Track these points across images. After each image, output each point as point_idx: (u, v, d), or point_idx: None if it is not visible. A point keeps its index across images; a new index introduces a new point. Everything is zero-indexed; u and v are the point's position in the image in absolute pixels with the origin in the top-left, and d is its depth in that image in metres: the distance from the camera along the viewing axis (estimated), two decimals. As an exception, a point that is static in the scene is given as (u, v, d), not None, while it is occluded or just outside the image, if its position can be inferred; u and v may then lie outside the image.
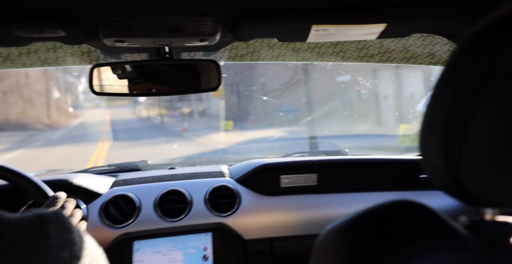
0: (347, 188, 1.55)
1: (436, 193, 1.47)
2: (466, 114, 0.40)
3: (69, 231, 0.52)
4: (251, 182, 1.52)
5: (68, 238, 0.51)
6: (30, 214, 0.51)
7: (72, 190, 1.39)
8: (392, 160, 1.64)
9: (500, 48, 0.39)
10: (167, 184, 1.50)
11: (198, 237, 1.42)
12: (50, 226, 0.50)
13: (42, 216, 0.51)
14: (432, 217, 0.49)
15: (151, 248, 1.39)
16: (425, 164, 0.48)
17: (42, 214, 0.52)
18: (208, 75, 1.15)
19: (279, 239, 1.47)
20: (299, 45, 1.26)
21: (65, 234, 0.51)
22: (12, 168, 1.11)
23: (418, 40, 1.22)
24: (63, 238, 0.51)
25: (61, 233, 0.51)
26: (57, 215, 0.53)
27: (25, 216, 0.51)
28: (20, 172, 1.11)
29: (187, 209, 1.42)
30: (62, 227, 0.52)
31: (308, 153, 1.91)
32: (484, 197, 0.44)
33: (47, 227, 0.50)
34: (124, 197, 1.43)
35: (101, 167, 1.80)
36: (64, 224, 0.52)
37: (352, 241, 0.49)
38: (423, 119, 0.47)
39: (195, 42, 0.99)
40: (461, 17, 0.92)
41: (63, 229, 0.52)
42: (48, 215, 0.52)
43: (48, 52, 1.20)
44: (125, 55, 1.27)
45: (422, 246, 0.44)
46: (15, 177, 1.11)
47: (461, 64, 0.43)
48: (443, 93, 0.44)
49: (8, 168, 1.11)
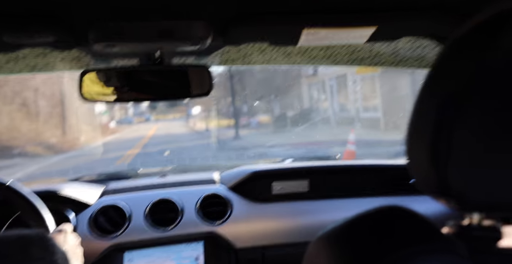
0: (338, 194, 1.55)
1: (424, 199, 1.47)
2: (452, 117, 0.40)
3: (52, 253, 0.51)
4: (243, 189, 1.51)
5: (51, 259, 0.50)
6: (12, 235, 0.50)
7: (60, 200, 1.37)
8: (382, 165, 1.65)
9: (485, 51, 0.39)
10: (158, 193, 1.49)
11: (190, 246, 1.41)
12: (32, 248, 0.50)
13: (25, 238, 0.50)
14: (420, 223, 0.49)
15: (143, 259, 1.37)
16: (412, 168, 0.48)
17: (25, 235, 0.51)
18: (199, 80, 1.15)
19: (271, 247, 1.46)
20: (290, 49, 1.26)
21: (48, 255, 0.51)
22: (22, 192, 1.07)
23: (407, 44, 1.24)
24: (45, 259, 0.50)
25: (43, 254, 0.50)
26: (40, 236, 0.52)
27: (8, 236, 0.49)
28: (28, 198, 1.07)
29: (179, 218, 1.40)
30: (45, 249, 0.51)
31: (300, 159, 1.91)
32: (471, 201, 0.44)
33: (29, 249, 0.49)
34: (114, 207, 1.41)
35: (91, 176, 1.78)
36: (47, 246, 0.51)
37: (342, 247, 0.49)
38: (409, 123, 0.47)
39: (186, 46, 0.99)
40: (450, 19, 0.93)
41: (45, 250, 0.51)
42: (30, 236, 0.51)
43: (37, 58, 1.18)
44: (115, 61, 1.26)
45: (411, 251, 0.44)
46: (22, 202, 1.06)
47: (446, 67, 0.43)
48: (429, 96, 0.44)
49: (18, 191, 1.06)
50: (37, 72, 1.27)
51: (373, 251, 0.46)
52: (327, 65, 1.39)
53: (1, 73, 1.23)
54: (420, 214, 0.50)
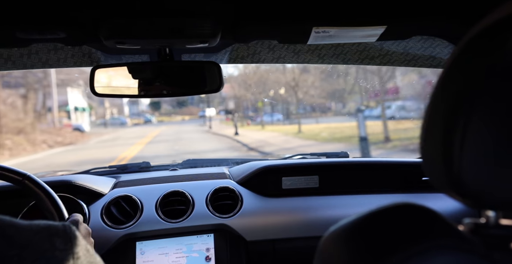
0: (349, 190, 1.55)
1: (439, 196, 1.46)
2: (465, 116, 0.41)
3: (74, 244, 0.53)
4: (252, 184, 1.52)
5: (73, 251, 0.53)
6: (39, 224, 0.53)
7: (74, 190, 1.40)
8: (394, 162, 1.64)
9: (497, 51, 0.39)
10: (169, 185, 1.50)
11: (201, 238, 1.43)
12: (56, 238, 0.52)
13: (51, 228, 0.53)
14: (435, 219, 0.49)
15: (154, 249, 1.40)
16: (426, 166, 0.48)
17: (51, 225, 0.53)
18: (209, 76, 1.16)
19: (282, 240, 1.47)
20: (299, 47, 1.26)
21: (70, 247, 0.53)
22: (41, 182, 1.11)
23: (418, 43, 1.22)
24: (67, 251, 0.52)
25: (66, 246, 0.52)
26: (65, 228, 0.54)
27: (34, 225, 0.52)
28: (47, 188, 1.11)
29: (189, 210, 1.42)
30: (68, 240, 0.53)
31: (310, 155, 1.90)
32: (486, 199, 0.44)
33: (54, 239, 0.52)
34: (126, 198, 1.43)
35: (103, 168, 1.81)
36: (70, 238, 0.54)
37: (355, 242, 0.49)
38: (423, 121, 0.47)
39: (196, 43, 1.00)
40: (460, 19, 0.92)
41: (68, 242, 0.53)
42: (56, 227, 0.53)
43: (49, 53, 1.20)
44: (126, 57, 1.27)
45: (425, 247, 0.44)
46: (41, 192, 1.10)
47: (459, 66, 0.43)
48: (442, 94, 0.44)
49: (37, 182, 1.10)
50: (48, 67, 1.29)
51: (387, 246, 0.46)
52: (337, 64, 1.39)
53: (14, 67, 1.26)
54: (434, 210, 0.50)
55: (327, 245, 0.53)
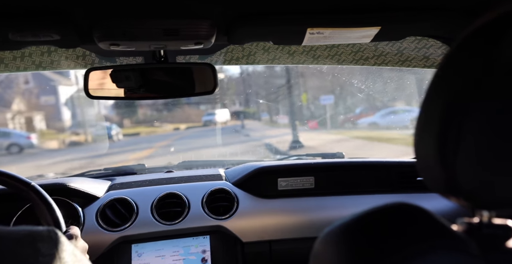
0: (344, 191, 1.55)
1: (432, 196, 1.47)
2: (460, 115, 0.41)
3: (60, 249, 0.52)
4: (248, 185, 1.52)
5: (59, 256, 0.51)
6: (22, 230, 0.51)
7: (69, 193, 1.39)
8: (389, 162, 1.64)
9: (492, 50, 0.39)
10: (164, 187, 1.50)
11: (197, 240, 1.42)
12: (41, 244, 0.50)
13: (34, 233, 0.51)
14: (429, 220, 0.49)
15: (150, 251, 1.39)
16: (420, 166, 0.48)
17: (34, 231, 0.51)
18: (204, 78, 1.15)
19: (278, 241, 1.47)
20: (294, 48, 1.26)
21: (56, 252, 0.51)
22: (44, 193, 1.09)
23: (412, 43, 1.23)
24: (52, 256, 0.51)
25: (51, 251, 0.51)
26: (50, 233, 0.53)
27: (16, 231, 0.50)
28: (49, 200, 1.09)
29: (185, 212, 1.42)
30: (53, 245, 0.51)
31: (305, 155, 1.90)
32: (480, 199, 0.44)
33: (38, 244, 0.50)
34: (121, 201, 1.43)
35: (98, 170, 1.80)
36: (56, 242, 0.52)
37: (350, 243, 0.49)
38: (418, 120, 0.47)
39: (191, 45, 0.99)
40: (454, 20, 0.93)
41: (54, 247, 0.51)
42: (40, 232, 0.52)
43: (42, 56, 1.20)
44: (120, 59, 1.27)
45: (420, 248, 0.44)
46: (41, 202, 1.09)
47: (454, 66, 0.43)
48: (437, 94, 0.44)
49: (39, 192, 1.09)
50: (42, 70, 1.28)
51: (381, 247, 0.46)
52: (332, 64, 1.39)
53: (7, 70, 1.25)
54: (428, 211, 0.50)
55: (322, 246, 0.53)
